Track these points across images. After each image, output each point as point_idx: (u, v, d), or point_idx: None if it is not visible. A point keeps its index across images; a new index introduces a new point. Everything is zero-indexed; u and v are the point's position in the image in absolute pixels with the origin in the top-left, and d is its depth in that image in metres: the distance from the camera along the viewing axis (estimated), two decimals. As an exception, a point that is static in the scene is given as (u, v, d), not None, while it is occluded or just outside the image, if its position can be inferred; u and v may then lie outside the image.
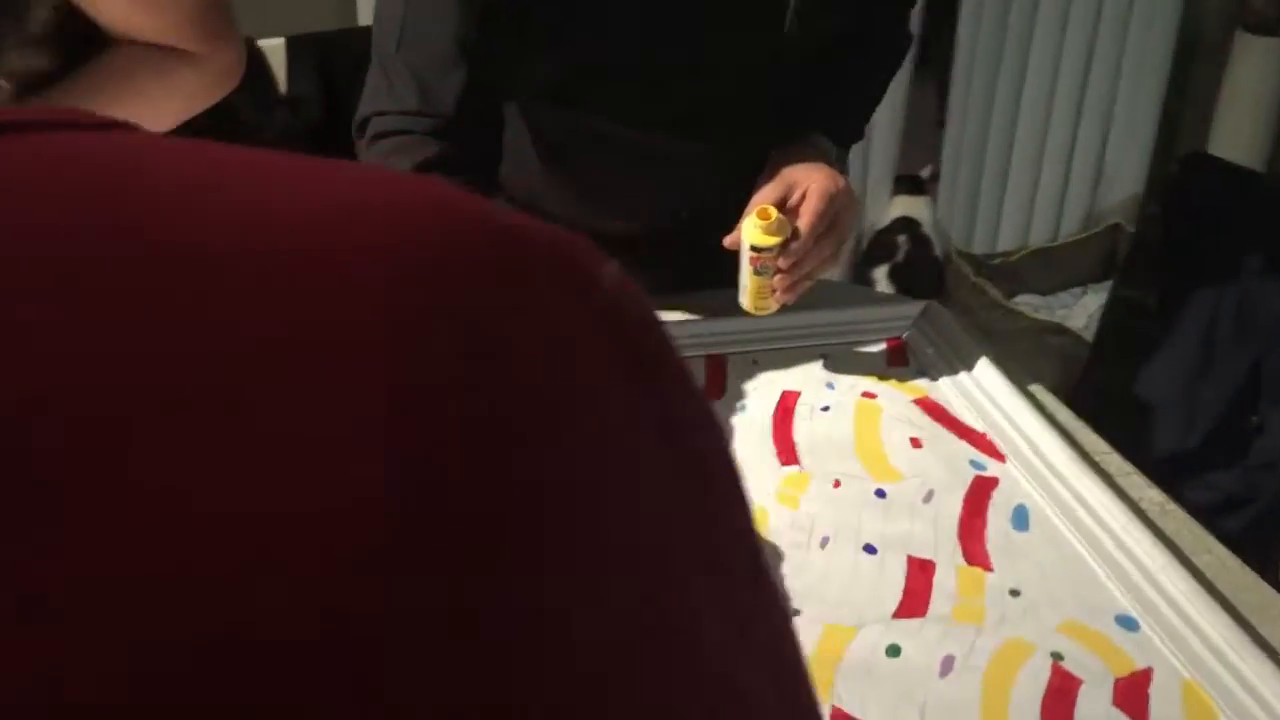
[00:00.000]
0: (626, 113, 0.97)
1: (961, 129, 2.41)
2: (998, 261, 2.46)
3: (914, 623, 0.77)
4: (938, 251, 2.31)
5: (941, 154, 2.43)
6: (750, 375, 1.04)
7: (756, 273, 0.92)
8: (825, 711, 0.70)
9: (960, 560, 0.83)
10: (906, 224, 2.32)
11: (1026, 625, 0.77)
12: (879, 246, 2.32)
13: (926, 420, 0.98)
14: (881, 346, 1.09)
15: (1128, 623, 0.78)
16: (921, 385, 1.03)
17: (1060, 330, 2.20)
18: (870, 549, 0.84)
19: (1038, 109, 2.44)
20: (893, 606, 0.79)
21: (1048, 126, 2.47)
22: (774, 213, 0.90)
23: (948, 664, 0.75)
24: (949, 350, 1.06)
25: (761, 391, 1.01)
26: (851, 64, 1.06)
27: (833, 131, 1.03)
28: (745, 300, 0.95)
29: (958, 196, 2.48)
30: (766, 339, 1.07)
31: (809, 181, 0.92)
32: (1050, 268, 2.50)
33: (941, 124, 2.44)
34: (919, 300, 1.14)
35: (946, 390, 1.02)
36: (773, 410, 0.99)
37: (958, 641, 0.76)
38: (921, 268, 2.26)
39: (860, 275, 2.30)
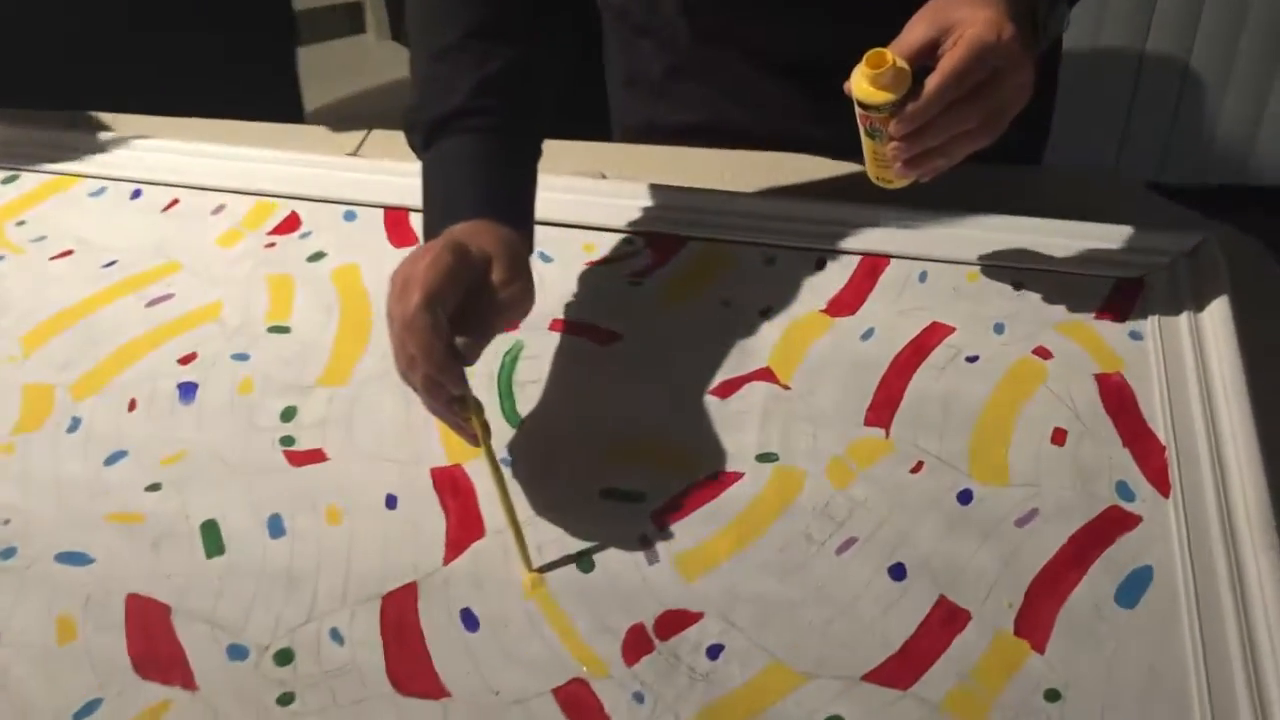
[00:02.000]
0: None
1: None
2: None
3: (887, 695, 0.59)
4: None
5: None
6: (905, 290, 0.82)
7: (867, 134, 0.70)
8: (684, 781, 0.56)
9: (1007, 626, 0.62)
10: None
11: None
12: None
13: (1096, 407, 0.73)
14: (1110, 285, 0.81)
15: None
16: (1123, 355, 0.76)
17: None
18: (898, 572, 0.65)
19: None
20: (873, 664, 0.60)
21: None
22: (891, 58, 0.66)
23: (886, 769, 0.56)
24: (1201, 317, 0.77)
25: (907, 317, 0.80)
26: None
27: None
28: (867, 166, 0.73)
29: None
30: (941, 242, 0.83)
31: (968, 25, 0.66)
32: None
33: None
34: (1200, 229, 0.83)
35: (1152, 373, 0.75)
36: (902, 346, 0.78)
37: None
38: None
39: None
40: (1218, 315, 0.76)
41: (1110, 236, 0.83)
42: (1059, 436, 0.71)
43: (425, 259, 0.63)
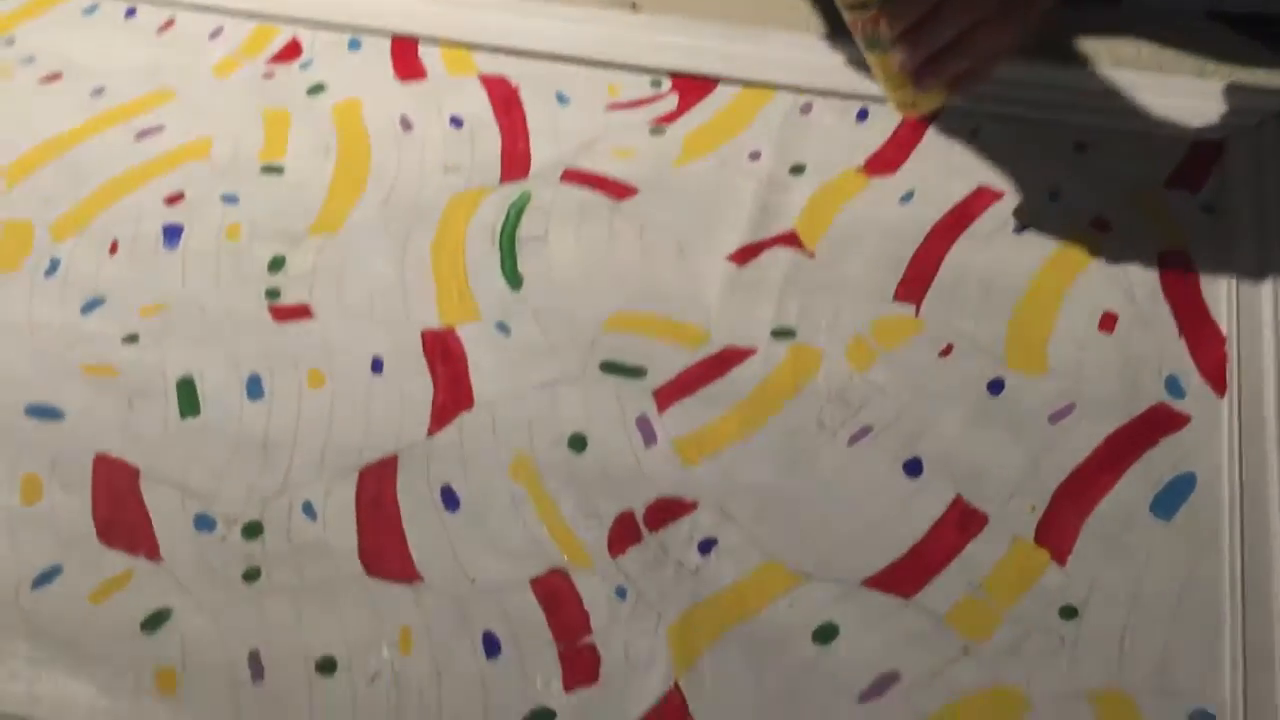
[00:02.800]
0: None
1: None
2: None
3: (888, 603, 0.55)
4: None
5: None
6: (953, 148, 0.74)
7: (867, 46, 0.61)
8: (662, 683, 0.53)
9: (1027, 533, 0.57)
10: None
11: (1045, 677, 0.52)
12: None
13: (1154, 289, 0.66)
14: (1184, 149, 0.73)
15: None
16: (1191, 231, 0.68)
17: None
18: (914, 467, 0.59)
19: None
20: (876, 568, 0.56)
21: None
22: None
23: (881, 687, 0.53)
24: (1283, 183, 0.69)
25: (953, 178, 0.72)
26: None
27: None
28: (883, 90, 0.65)
29: None
30: (996, 94, 0.74)
31: None
32: None
33: None
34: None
35: (1220, 252, 0.67)
36: (944, 213, 0.70)
37: (924, 656, 0.53)
38: None
39: None
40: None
41: (1190, 91, 0.74)
42: (1108, 322, 0.64)
43: None
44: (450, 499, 0.59)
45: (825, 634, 0.54)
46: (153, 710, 0.53)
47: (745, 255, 0.69)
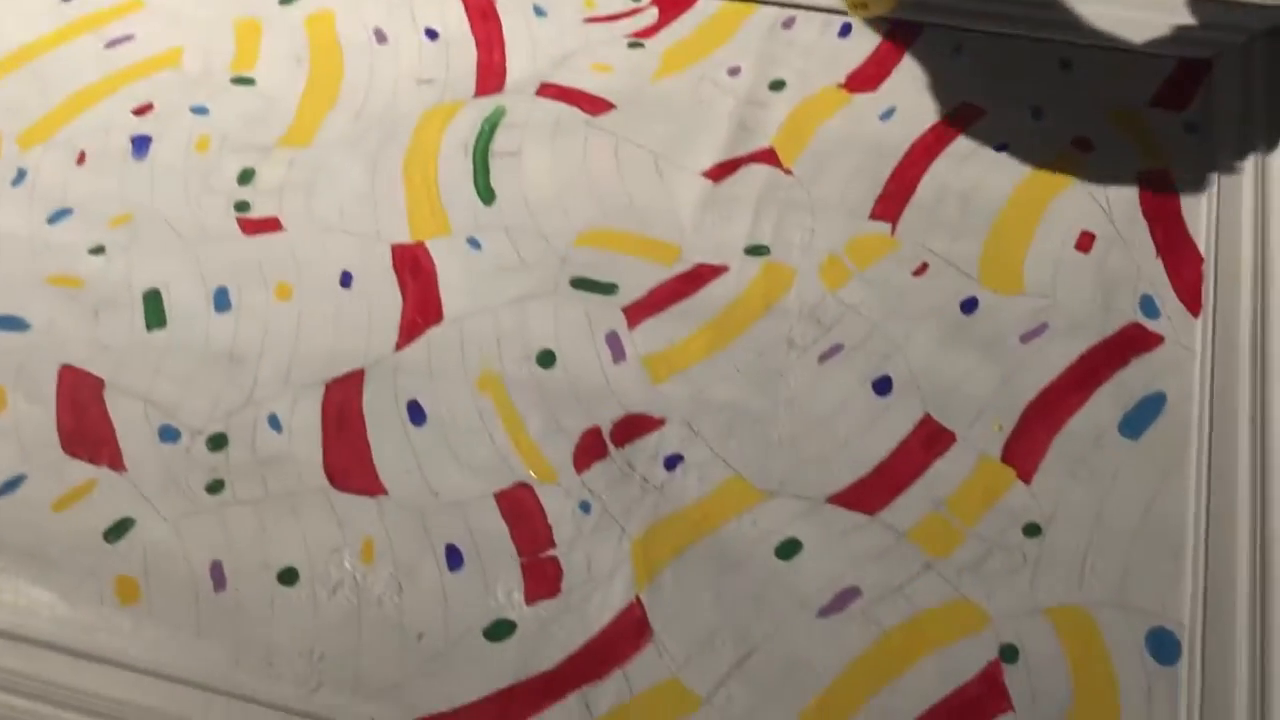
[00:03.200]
0: None
1: None
2: None
3: (851, 519, 0.55)
4: None
5: None
6: (935, 64, 0.72)
7: None
8: (623, 596, 0.53)
9: (994, 451, 0.56)
10: None
11: (1006, 594, 0.52)
12: None
13: (1133, 209, 0.65)
14: (1170, 67, 0.71)
15: (1167, 650, 0.50)
16: (1174, 150, 0.67)
17: None
18: (883, 386, 0.59)
19: None
20: (841, 485, 0.56)
21: None
22: None
23: (841, 602, 0.53)
24: (1272, 112, 0.67)
25: (935, 96, 0.71)
26: None
27: None
28: None
29: None
30: (981, 11, 0.73)
31: None
32: None
33: None
34: (1288, 3, 0.72)
35: (1204, 174, 0.66)
36: (924, 130, 0.69)
37: (886, 572, 0.53)
38: None
39: None
40: (1292, 110, 0.66)
41: (1177, 8, 0.72)
42: (1085, 241, 0.63)
43: None
44: (416, 413, 0.59)
45: (787, 549, 0.54)
46: (114, 618, 0.53)
47: (721, 172, 0.68)
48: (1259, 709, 0.47)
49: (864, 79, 0.72)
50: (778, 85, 0.72)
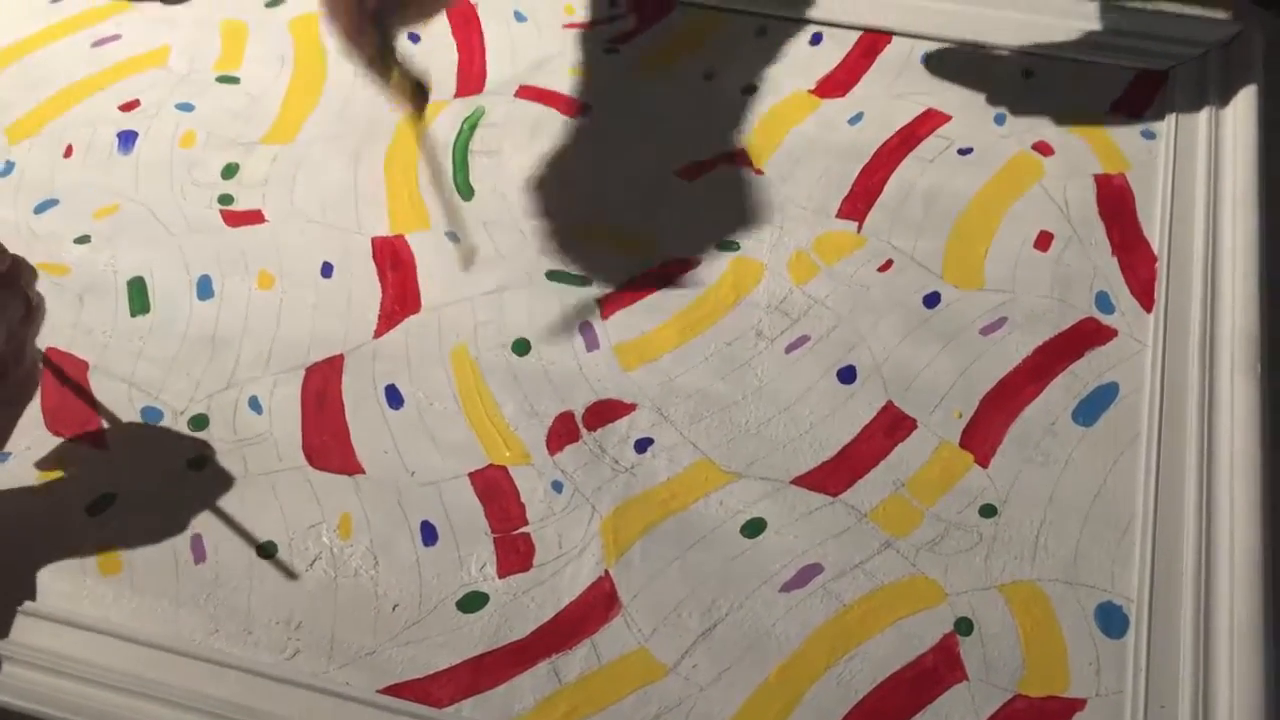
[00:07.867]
0: None
1: None
2: None
3: (814, 500, 0.57)
4: None
5: None
6: (903, 71, 0.75)
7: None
8: (593, 571, 0.55)
9: (953, 437, 0.58)
10: None
11: (962, 570, 0.54)
12: None
13: (1089, 211, 0.67)
14: (1130, 77, 0.74)
15: (1115, 623, 0.52)
16: (1131, 156, 0.70)
17: None
18: (848, 375, 0.61)
19: None
20: (806, 468, 0.58)
21: None
22: None
23: (803, 578, 0.54)
24: (1224, 120, 0.70)
25: (902, 101, 0.73)
26: None
27: None
28: None
29: None
30: (948, 20, 0.75)
31: None
32: None
33: None
34: (1243, 18, 0.75)
35: (1159, 178, 0.68)
36: (891, 134, 0.71)
37: (847, 550, 0.55)
38: None
39: None
40: (1243, 118, 0.69)
41: (1137, 21, 0.75)
42: (1044, 241, 0.66)
43: None
44: (394, 396, 0.60)
45: (753, 528, 0.56)
46: (96, 589, 0.54)
47: (694, 171, 0.70)
48: (1202, 680, 0.49)
49: (833, 85, 0.74)
50: (750, 90, 0.74)
